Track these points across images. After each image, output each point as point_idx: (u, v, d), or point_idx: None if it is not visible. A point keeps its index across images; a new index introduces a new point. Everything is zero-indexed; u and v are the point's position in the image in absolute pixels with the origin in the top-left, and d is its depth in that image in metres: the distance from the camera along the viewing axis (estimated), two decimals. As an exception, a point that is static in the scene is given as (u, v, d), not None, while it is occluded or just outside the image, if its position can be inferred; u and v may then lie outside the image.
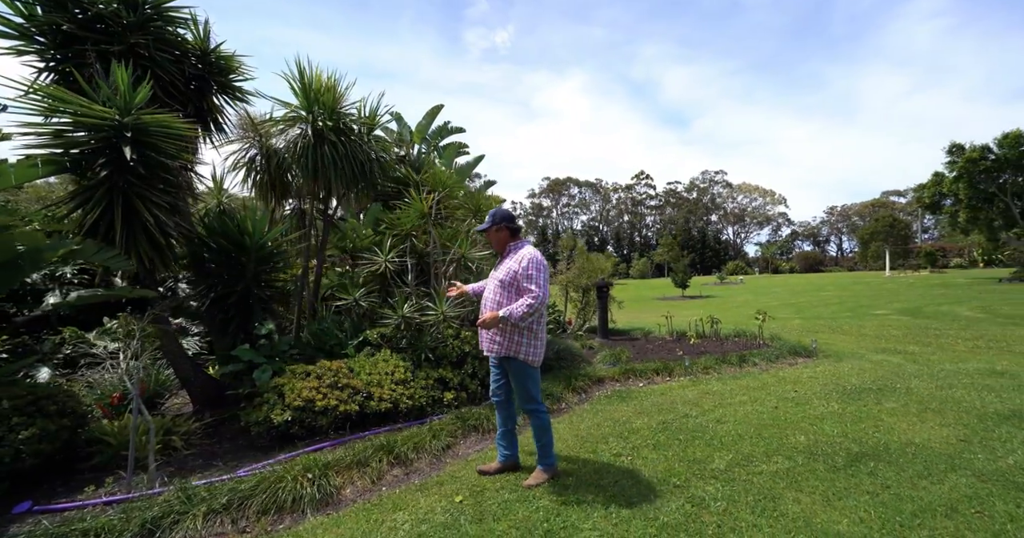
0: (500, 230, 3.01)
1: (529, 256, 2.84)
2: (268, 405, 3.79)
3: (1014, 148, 23.05)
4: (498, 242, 3.05)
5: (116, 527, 2.45)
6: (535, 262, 2.81)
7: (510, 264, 2.89)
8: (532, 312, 2.72)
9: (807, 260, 57.66)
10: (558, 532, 2.33)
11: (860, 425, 3.60)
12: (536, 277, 2.77)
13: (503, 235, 3.02)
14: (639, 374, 5.63)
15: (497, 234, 3.02)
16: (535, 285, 2.75)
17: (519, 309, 2.71)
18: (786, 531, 2.19)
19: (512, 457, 3.15)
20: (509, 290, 2.87)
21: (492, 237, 3.06)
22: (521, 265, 2.82)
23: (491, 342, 2.91)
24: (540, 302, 2.72)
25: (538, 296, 2.72)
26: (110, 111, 3.88)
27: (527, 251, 2.90)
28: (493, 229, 3.01)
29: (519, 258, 2.87)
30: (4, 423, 2.95)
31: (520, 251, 2.93)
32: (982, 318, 9.89)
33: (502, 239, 3.03)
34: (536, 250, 2.93)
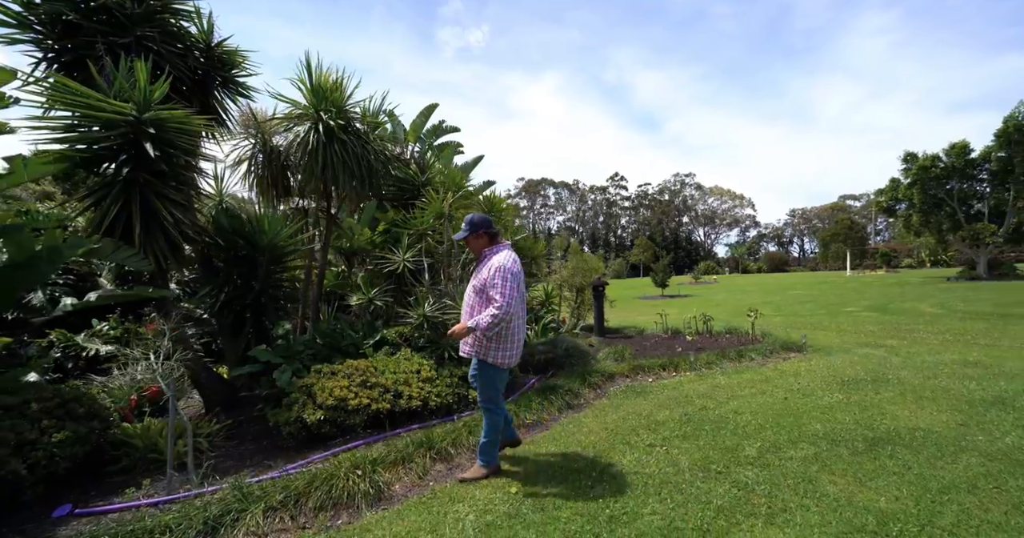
0: (479, 236, 2.97)
1: (497, 264, 2.80)
2: (298, 405, 3.76)
3: (960, 157, 24.81)
4: (477, 249, 3.01)
5: (180, 525, 2.43)
6: (502, 270, 2.76)
7: (482, 272, 2.88)
8: (497, 322, 2.70)
9: (773, 260, 60.15)
10: (620, 517, 2.45)
11: (867, 413, 3.88)
12: (501, 286, 2.73)
13: (481, 241, 2.98)
14: (647, 370, 5.83)
15: (476, 241, 2.99)
16: (499, 295, 2.71)
17: (483, 321, 2.71)
18: (833, 510, 2.38)
19: (514, 433, 3.41)
20: (481, 297, 2.86)
21: (471, 244, 3.02)
22: (489, 273, 2.80)
23: (464, 343, 3.03)
24: (503, 312, 2.69)
25: (501, 306, 2.68)
26: (127, 106, 3.78)
27: (498, 258, 2.85)
28: (471, 237, 2.98)
29: (488, 266, 2.84)
30: (35, 426, 2.84)
31: (492, 258, 2.89)
32: (942, 314, 10.64)
33: (480, 245, 3.00)
34: (509, 256, 2.89)
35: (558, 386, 4.86)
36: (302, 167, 5.87)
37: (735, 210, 78.40)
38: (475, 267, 3.06)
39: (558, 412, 4.42)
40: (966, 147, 24.64)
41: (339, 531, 2.52)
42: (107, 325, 6.25)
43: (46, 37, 4.25)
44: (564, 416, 4.34)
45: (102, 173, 4.05)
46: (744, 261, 63.08)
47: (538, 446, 3.57)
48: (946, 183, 25.32)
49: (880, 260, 37.29)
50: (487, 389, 3.00)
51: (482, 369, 2.98)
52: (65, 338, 5.87)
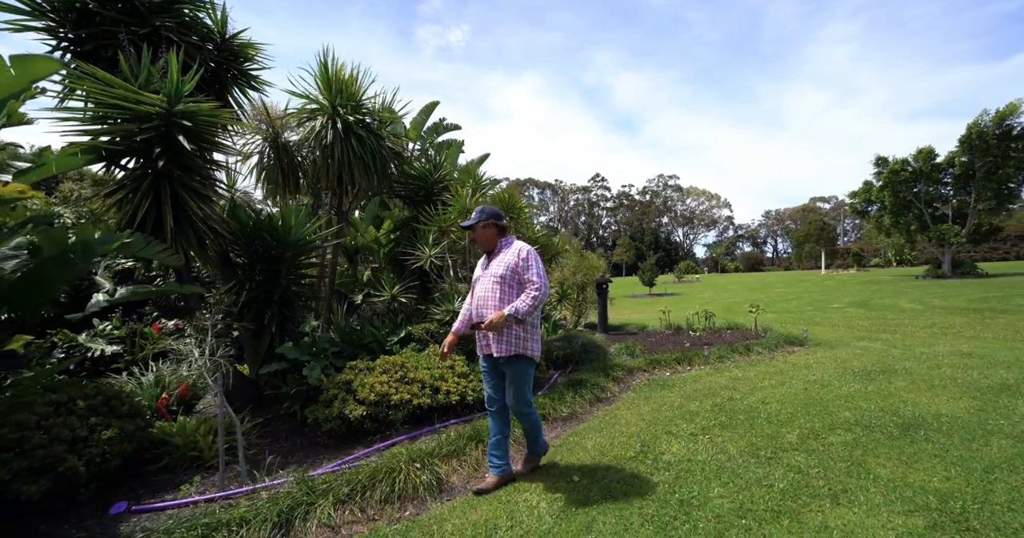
0: (487, 227, 2.87)
1: (526, 248, 2.78)
2: (338, 401, 3.72)
3: (926, 162, 26.06)
4: (485, 239, 2.90)
5: (255, 518, 2.40)
6: (533, 253, 2.76)
7: (506, 258, 2.78)
8: (537, 305, 2.65)
9: (750, 260, 61.83)
10: (690, 501, 2.52)
11: (888, 401, 4.07)
12: (535, 267, 2.71)
13: (490, 232, 2.88)
14: (663, 364, 5.96)
15: (484, 231, 2.88)
16: (536, 276, 2.68)
17: (524, 305, 2.62)
18: (891, 490, 2.51)
19: (506, 467, 2.94)
20: (510, 284, 2.75)
21: (479, 234, 2.90)
22: (520, 257, 2.74)
23: (498, 343, 2.74)
24: (543, 294, 2.66)
25: (540, 287, 2.65)
26: (159, 98, 3.68)
27: (522, 243, 2.83)
28: (480, 225, 2.87)
29: (515, 251, 2.78)
30: (83, 423, 2.74)
31: (514, 244, 2.85)
32: (922, 309, 11.18)
33: (489, 236, 2.89)
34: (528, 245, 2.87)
35: (584, 380, 4.93)
36: (317, 163, 5.80)
37: (713, 211, 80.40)
38: (487, 259, 2.94)
39: (589, 405, 4.49)
40: (932, 152, 25.88)
41: (414, 522, 2.52)
42: (109, 325, 6.02)
43: (59, 25, 4.10)
44: (596, 409, 4.40)
45: (126, 167, 3.93)
46: (723, 261, 64.70)
47: (583, 437, 3.62)
48: (914, 186, 26.54)
49: (852, 260, 38.80)
50: (525, 388, 2.82)
51: (519, 367, 2.78)
52: (67, 338, 5.63)
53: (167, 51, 4.34)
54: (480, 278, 2.89)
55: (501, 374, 2.89)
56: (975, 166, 24.49)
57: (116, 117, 3.64)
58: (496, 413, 2.95)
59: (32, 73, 2.39)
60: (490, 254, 2.93)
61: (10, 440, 2.43)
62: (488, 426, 3.02)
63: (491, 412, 2.98)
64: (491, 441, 2.96)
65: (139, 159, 3.83)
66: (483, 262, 2.98)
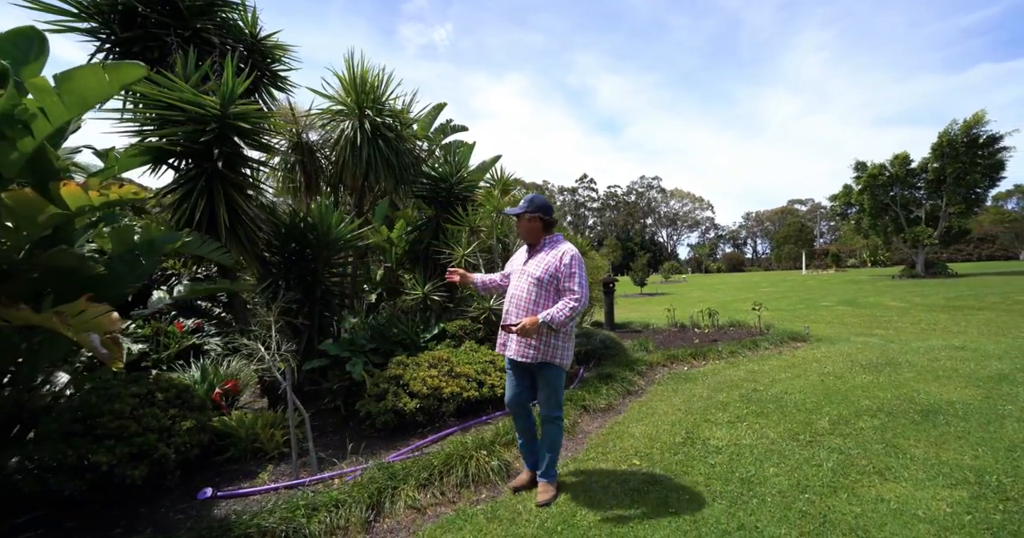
0: (534, 219, 2.67)
1: (572, 252, 2.59)
2: (390, 395, 3.84)
3: (901, 167, 27.26)
4: (530, 232, 2.70)
5: (348, 499, 2.56)
6: (578, 259, 2.57)
7: (548, 259, 2.60)
8: (574, 316, 2.49)
9: (731, 261, 63.34)
10: (751, 479, 2.74)
11: (901, 390, 4.38)
12: (579, 276, 2.53)
13: (536, 225, 2.68)
14: (679, 359, 6.21)
15: (530, 223, 2.68)
16: (578, 285, 2.51)
17: (561, 314, 2.44)
18: (929, 467, 2.77)
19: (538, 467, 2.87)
20: (548, 289, 2.58)
21: (524, 225, 2.70)
22: (563, 261, 2.55)
23: (526, 347, 2.58)
24: (582, 305, 2.50)
25: (580, 298, 2.49)
26: (214, 100, 3.75)
27: (568, 246, 2.63)
28: (527, 216, 2.66)
29: (559, 253, 2.58)
30: (164, 414, 2.82)
31: (560, 245, 2.65)
32: (906, 307, 11.76)
33: (535, 229, 2.69)
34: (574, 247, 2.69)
35: (612, 374, 5.13)
36: (341, 162, 5.88)
37: (695, 212, 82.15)
38: (527, 255, 2.74)
39: (622, 397, 4.69)
40: (907, 158, 27.08)
41: (497, 502, 2.67)
42: (132, 324, 5.96)
43: (102, 27, 4.12)
44: (629, 401, 4.61)
45: (177, 167, 3.98)
46: (706, 261, 66.13)
47: (627, 426, 3.82)
48: (890, 190, 27.72)
49: (831, 260, 40.20)
50: (556, 396, 2.66)
51: (549, 374, 2.62)
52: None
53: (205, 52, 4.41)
54: (515, 273, 2.73)
55: (526, 374, 2.75)
56: (946, 172, 25.73)
57: (175, 119, 3.68)
58: (518, 415, 2.83)
59: (122, 78, 2.46)
60: (532, 248, 2.74)
61: (110, 428, 2.51)
62: (514, 427, 2.92)
63: (513, 414, 2.86)
64: (520, 442, 2.90)
65: (191, 160, 3.89)
66: (522, 255, 2.79)
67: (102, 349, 2.05)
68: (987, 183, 25.71)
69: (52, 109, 2.32)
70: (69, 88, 2.31)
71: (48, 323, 2.03)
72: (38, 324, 2.08)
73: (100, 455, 2.41)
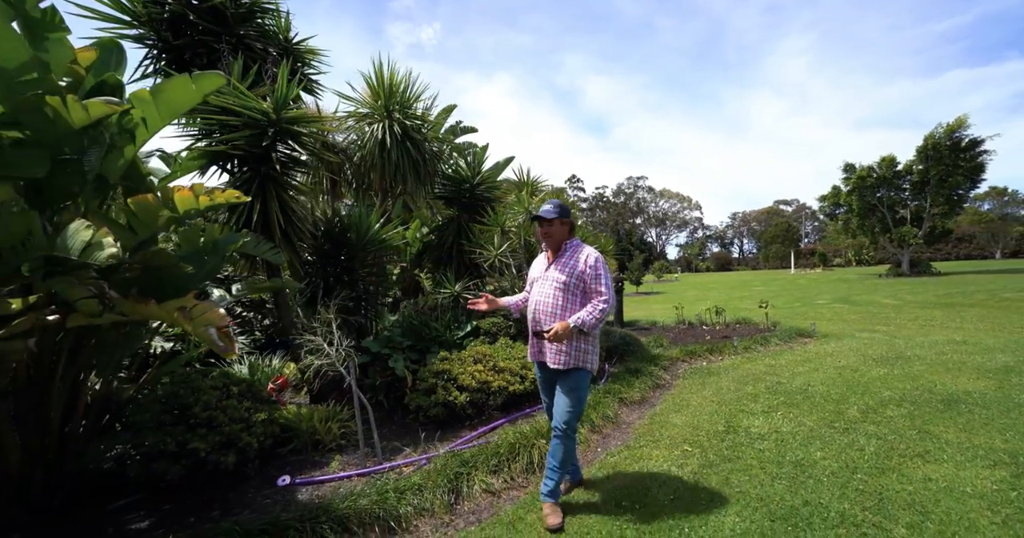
0: (564, 223, 2.64)
1: (596, 254, 2.57)
2: (440, 389, 3.96)
3: (888, 169, 28.05)
4: (560, 236, 2.64)
5: (429, 484, 2.71)
6: (602, 261, 2.55)
7: (572, 263, 2.56)
8: (604, 318, 2.47)
9: (719, 260, 64.33)
10: (801, 462, 2.93)
11: (918, 381, 4.63)
12: (605, 277, 2.51)
13: (564, 229, 2.65)
14: (697, 355, 6.43)
15: (561, 227, 2.63)
16: (604, 287, 2.48)
17: (592, 317, 2.41)
18: (964, 450, 2.99)
19: (578, 472, 2.85)
20: (574, 293, 2.54)
21: (555, 229, 2.62)
22: (588, 264, 2.52)
23: (557, 353, 2.52)
24: (610, 306, 2.47)
25: (607, 300, 2.46)
26: (269, 104, 3.85)
27: (590, 249, 2.62)
28: (558, 220, 2.61)
29: (584, 257, 2.56)
30: (241, 406, 2.92)
31: (582, 248, 2.62)
32: (900, 304, 12.18)
33: (563, 234, 2.65)
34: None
35: (639, 369, 5.31)
36: (369, 163, 5.98)
37: (684, 212, 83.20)
38: (550, 260, 2.68)
39: (651, 391, 4.87)
40: (893, 160, 27.88)
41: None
42: (159, 321, 5.98)
43: (149, 33, 4.18)
44: (660, 394, 4.80)
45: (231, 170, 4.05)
46: (695, 261, 67.07)
47: (667, 417, 3.99)
48: (877, 191, 28.51)
49: (818, 259, 41.12)
50: (580, 405, 2.53)
51: (577, 380, 2.53)
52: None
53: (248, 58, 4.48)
54: (539, 280, 2.66)
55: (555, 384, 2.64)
56: (930, 174, 26.56)
57: (232, 124, 3.76)
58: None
59: (205, 87, 2.57)
60: (554, 253, 2.68)
61: (201, 418, 2.61)
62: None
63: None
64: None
65: (247, 163, 3.96)
66: (543, 261, 2.73)
67: (219, 342, 2.15)
68: (969, 185, 26.61)
69: (150, 118, 2.42)
70: (163, 98, 2.42)
71: (170, 318, 2.13)
72: (160, 319, 2.18)
73: (197, 442, 2.51)
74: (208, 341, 2.19)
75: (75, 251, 1.85)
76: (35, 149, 1.98)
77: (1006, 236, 61.36)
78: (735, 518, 2.34)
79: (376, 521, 2.42)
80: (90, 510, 2.51)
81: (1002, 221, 62.72)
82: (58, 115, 1.99)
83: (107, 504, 2.55)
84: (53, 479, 2.40)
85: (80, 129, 2.11)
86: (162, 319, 2.19)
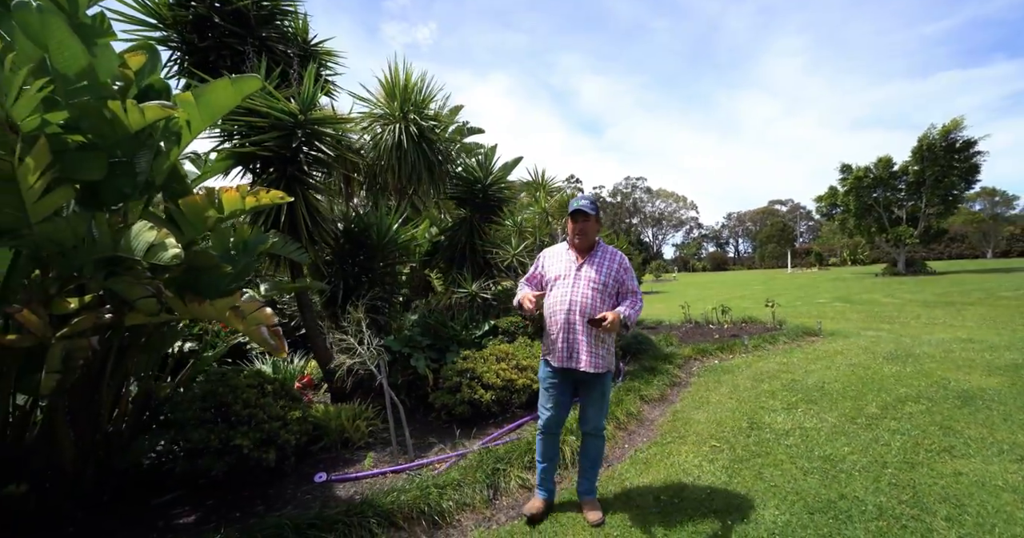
0: (598, 220, 2.55)
1: (620, 255, 2.57)
2: (466, 387, 4.00)
3: (884, 169, 28.31)
4: (590, 233, 2.51)
5: (466, 478, 2.76)
6: (628, 261, 2.57)
7: (608, 265, 2.49)
8: (638, 315, 2.48)
9: (716, 260, 64.69)
10: (830, 457, 2.99)
11: (931, 378, 4.72)
12: (635, 278, 2.55)
13: (597, 227, 2.56)
14: (709, 353, 6.50)
15: (596, 224, 2.53)
16: (637, 287, 2.54)
17: (633, 312, 2.42)
18: (988, 445, 3.06)
19: (553, 494, 2.68)
20: (608, 294, 2.47)
21: (590, 226, 2.49)
22: (623, 266, 2.51)
23: (594, 357, 2.40)
24: (641, 306, 2.52)
25: (640, 299, 2.50)
26: (294, 107, 3.87)
27: (616, 250, 2.61)
28: (594, 217, 2.49)
29: (617, 258, 2.53)
30: (276, 404, 2.95)
31: (612, 250, 2.58)
32: (900, 303, 12.33)
33: (595, 232, 2.55)
34: None
35: (654, 367, 5.38)
36: (385, 164, 6.00)
37: (680, 212, 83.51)
38: (580, 259, 2.54)
39: (669, 388, 4.93)
40: (890, 161, 28.15)
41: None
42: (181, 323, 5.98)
43: (172, 36, 4.19)
44: (677, 391, 4.86)
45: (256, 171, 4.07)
46: (693, 261, 67.44)
47: (689, 414, 4.05)
48: (873, 191, 28.78)
49: (815, 259, 41.48)
50: (607, 406, 2.57)
51: (607, 383, 2.53)
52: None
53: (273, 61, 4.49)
54: (566, 277, 2.50)
55: (571, 389, 2.57)
56: (925, 174, 26.84)
57: (259, 125, 3.78)
58: (555, 436, 2.66)
59: (244, 90, 2.60)
60: (583, 252, 2.56)
61: (241, 416, 2.63)
62: (539, 451, 2.63)
63: (551, 435, 2.63)
64: (545, 467, 2.62)
65: (273, 164, 3.98)
66: (567, 258, 2.56)
67: (271, 340, 2.19)
68: (963, 185, 26.93)
69: (193, 120, 2.44)
70: (205, 100, 2.45)
71: (222, 316, 2.16)
72: (213, 318, 2.20)
73: (240, 439, 2.54)
74: (259, 339, 2.22)
75: (139, 252, 1.88)
76: (94, 152, 2.01)
77: (997, 236, 62.08)
78: (774, 511, 2.40)
79: (421, 516, 2.47)
80: (135, 505, 2.54)
81: (993, 221, 63.40)
82: (116, 119, 2.02)
83: (151, 500, 2.58)
84: (102, 475, 2.42)
85: (134, 132, 2.13)
86: (215, 318, 2.22)
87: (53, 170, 1.86)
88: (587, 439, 2.59)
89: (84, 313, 2.05)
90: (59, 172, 1.91)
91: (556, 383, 2.54)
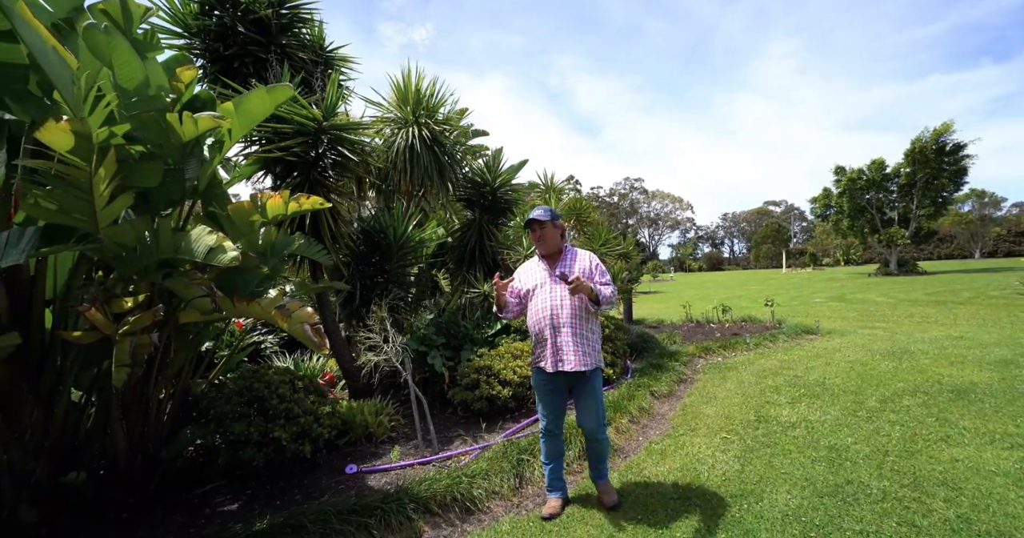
0: (558, 227, 2.67)
1: (590, 255, 2.70)
2: (484, 384, 4.14)
3: (877, 172, 28.78)
4: (554, 239, 2.65)
5: (493, 468, 2.91)
6: (597, 259, 2.70)
7: (578, 265, 2.63)
8: (612, 300, 2.57)
9: (711, 260, 65.23)
10: (836, 446, 3.16)
11: (925, 374, 4.91)
12: (606, 273, 2.67)
13: (556, 233, 2.67)
14: (712, 351, 6.68)
15: (555, 230, 2.65)
16: (609, 279, 2.65)
17: (608, 289, 2.53)
18: (981, 434, 3.24)
19: (566, 492, 2.78)
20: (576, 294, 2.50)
21: (549, 233, 2.62)
22: (593, 264, 2.64)
23: (582, 355, 2.49)
24: (616, 295, 2.62)
25: (615, 289, 2.62)
26: (318, 113, 4.00)
27: (585, 251, 2.74)
28: (551, 223, 2.62)
29: (585, 258, 2.68)
30: (307, 399, 3.07)
31: (579, 251, 2.73)
32: (893, 302, 12.60)
33: (555, 238, 2.66)
34: None
35: (661, 365, 5.55)
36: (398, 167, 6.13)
37: (676, 213, 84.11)
38: (549, 265, 2.67)
39: (677, 384, 5.10)
40: (883, 163, 28.64)
41: (619, 471, 3.02)
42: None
43: (194, 43, 4.31)
44: (685, 387, 5.03)
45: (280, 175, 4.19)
46: (688, 261, 67.92)
47: (697, 409, 4.22)
48: (866, 193, 29.24)
49: (809, 259, 41.94)
50: (602, 405, 2.63)
51: (598, 379, 2.63)
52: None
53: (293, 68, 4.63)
54: (545, 284, 2.60)
55: (566, 393, 2.67)
56: (917, 176, 27.32)
57: (283, 131, 3.90)
58: (557, 436, 2.72)
59: (277, 98, 2.73)
60: (551, 259, 2.68)
61: (278, 410, 2.76)
62: (544, 452, 2.74)
63: (553, 437, 2.70)
64: (552, 466, 2.71)
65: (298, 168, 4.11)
66: (538, 268, 2.68)
67: (314, 338, 2.32)
68: (953, 187, 27.44)
69: (233, 128, 2.58)
70: (243, 109, 2.59)
71: (268, 316, 2.29)
72: (260, 317, 2.34)
73: (278, 432, 2.68)
74: (303, 337, 2.35)
75: (200, 254, 2.00)
76: (152, 161, 2.14)
77: (984, 237, 63.13)
78: (786, 495, 2.56)
79: (454, 502, 2.61)
80: (180, 494, 2.66)
81: (981, 222, 64.42)
82: (171, 129, 2.15)
83: (194, 489, 2.70)
84: (149, 466, 2.54)
85: (185, 142, 2.26)
86: (260, 317, 2.35)
87: (118, 178, 1.99)
88: (587, 441, 2.70)
89: (139, 312, 2.18)
90: (122, 180, 2.04)
91: (550, 389, 2.63)
